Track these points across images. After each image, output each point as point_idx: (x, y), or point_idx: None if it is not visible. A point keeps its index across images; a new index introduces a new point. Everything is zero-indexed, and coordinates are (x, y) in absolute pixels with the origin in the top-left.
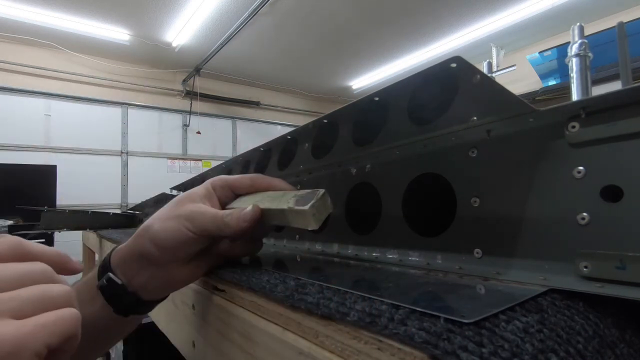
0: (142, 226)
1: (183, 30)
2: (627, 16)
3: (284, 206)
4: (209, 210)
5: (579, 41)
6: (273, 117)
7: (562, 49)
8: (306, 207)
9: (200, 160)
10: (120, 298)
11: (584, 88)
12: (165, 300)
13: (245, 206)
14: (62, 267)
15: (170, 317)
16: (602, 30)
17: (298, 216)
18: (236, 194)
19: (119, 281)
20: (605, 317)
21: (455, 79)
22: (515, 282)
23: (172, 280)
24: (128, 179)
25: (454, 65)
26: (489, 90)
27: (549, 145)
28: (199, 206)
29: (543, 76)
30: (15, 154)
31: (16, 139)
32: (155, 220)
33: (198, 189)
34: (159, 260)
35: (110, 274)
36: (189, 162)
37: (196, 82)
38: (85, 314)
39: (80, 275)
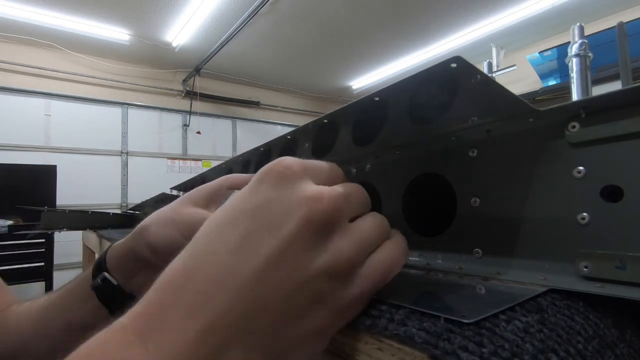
0: (139, 225)
1: (183, 30)
2: (627, 16)
3: None
4: (206, 217)
5: (579, 41)
6: (273, 117)
7: (562, 49)
8: None
9: (200, 160)
10: (116, 300)
11: (584, 88)
12: None
13: None
14: None
15: None
16: (602, 30)
17: None
18: None
19: (114, 281)
20: (605, 317)
21: (455, 79)
22: (515, 282)
23: None
24: (128, 179)
25: (454, 65)
26: (489, 90)
27: (549, 145)
28: (197, 212)
29: (543, 76)
30: (15, 154)
31: (16, 139)
32: (153, 223)
33: (206, 188)
34: (156, 265)
35: (106, 274)
36: (189, 162)
37: (196, 82)
38: (77, 316)
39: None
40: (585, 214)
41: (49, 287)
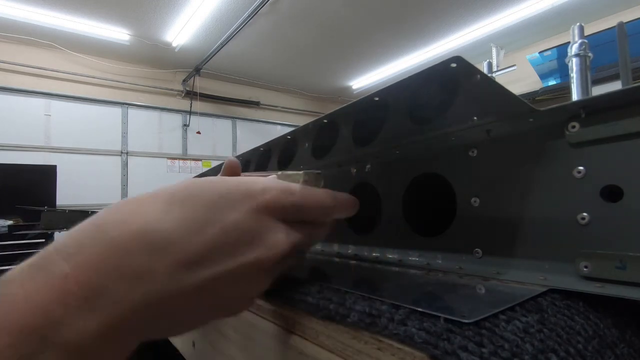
0: None
1: (183, 30)
2: (627, 16)
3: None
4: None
5: (579, 41)
6: (273, 117)
7: (562, 49)
8: (300, 172)
9: (200, 160)
10: None
11: (584, 88)
12: None
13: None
14: None
15: None
16: (602, 30)
17: (288, 179)
18: None
19: None
20: (605, 317)
21: (455, 79)
22: (515, 282)
23: None
24: (128, 179)
25: (454, 65)
26: (489, 90)
27: (549, 145)
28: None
29: (543, 76)
30: (15, 154)
31: (16, 139)
32: None
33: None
34: None
35: None
36: (189, 162)
37: (196, 82)
38: None
39: None
40: (585, 214)
41: None
